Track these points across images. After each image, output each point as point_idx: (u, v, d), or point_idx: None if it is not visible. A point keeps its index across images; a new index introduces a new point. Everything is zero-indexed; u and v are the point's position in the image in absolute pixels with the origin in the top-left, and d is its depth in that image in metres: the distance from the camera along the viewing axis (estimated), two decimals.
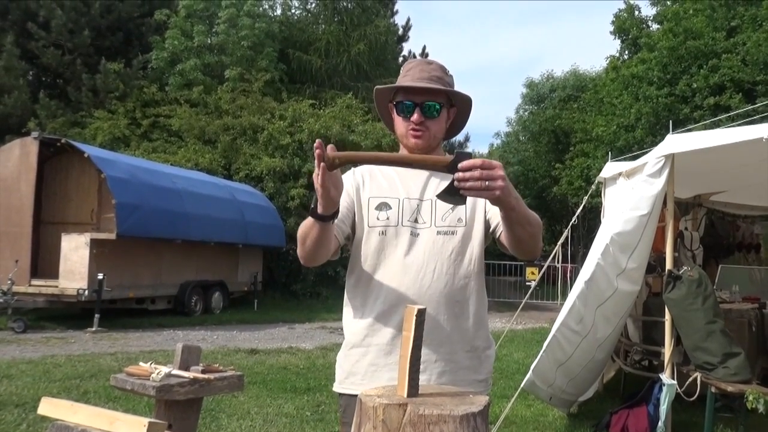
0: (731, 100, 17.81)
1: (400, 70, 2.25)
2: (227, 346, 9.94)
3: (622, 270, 5.31)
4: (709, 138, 5.20)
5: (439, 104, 2.16)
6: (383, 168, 2.26)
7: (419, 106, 2.14)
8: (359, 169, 2.28)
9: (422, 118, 2.14)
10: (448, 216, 2.13)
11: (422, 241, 2.11)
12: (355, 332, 2.18)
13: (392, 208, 2.15)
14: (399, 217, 2.14)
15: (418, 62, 2.23)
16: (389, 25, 25.66)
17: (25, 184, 11.99)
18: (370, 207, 2.16)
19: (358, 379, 2.13)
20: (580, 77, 33.09)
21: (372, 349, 2.12)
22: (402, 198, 2.16)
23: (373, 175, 2.25)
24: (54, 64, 20.26)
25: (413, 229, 2.13)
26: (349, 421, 2.15)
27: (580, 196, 21.91)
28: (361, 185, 2.22)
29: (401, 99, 2.17)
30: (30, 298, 11.63)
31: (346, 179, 2.24)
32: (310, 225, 1.98)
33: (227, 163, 18.78)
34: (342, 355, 2.24)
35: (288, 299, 17.68)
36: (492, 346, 2.25)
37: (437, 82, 2.16)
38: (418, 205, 2.15)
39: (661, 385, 5.23)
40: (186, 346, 3.24)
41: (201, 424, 4.76)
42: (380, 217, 2.15)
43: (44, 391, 6.27)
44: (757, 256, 8.93)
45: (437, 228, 2.12)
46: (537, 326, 14.10)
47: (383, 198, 2.17)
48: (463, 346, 2.12)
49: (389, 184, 2.20)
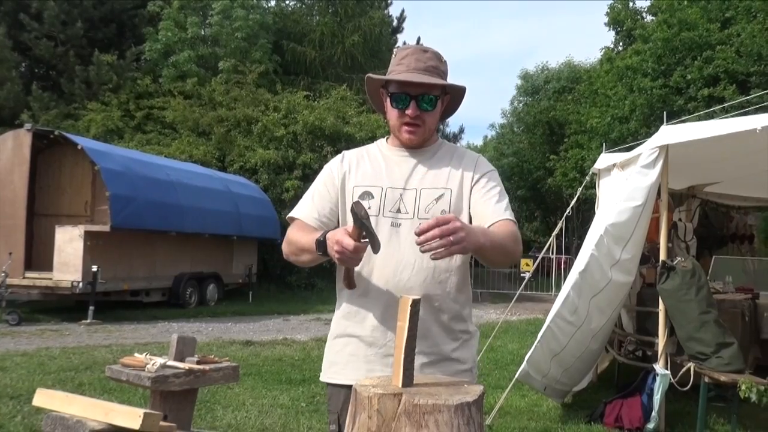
0: (725, 91, 17.82)
1: (393, 58, 2.20)
2: (222, 338, 9.94)
3: (616, 261, 5.33)
4: (703, 129, 5.21)
5: (435, 97, 2.13)
6: (372, 153, 2.25)
7: (415, 99, 2.10)
8: (348, 156, 2.26)
9: (418, 111, 2.11)
10: (431, 207, 2.10)
11: (403, 233, 2.08)
12: (338, 322, 2.19)
13: (374, 198, 2.12)
14: (381, 207, 2.11)
15: (413, 50, 2.17)
16: (384, 17, 25.60)
17: (18, 176, 11.93)
18: (354, 196, 2.14)
19: (339, 368, 2.14)
20: (574, 69, 33.07)
21: (353, 340, 2.13)
22: (385, 187, 2.14)
23: (361, 161, 2.23)
24: (47, 56, 20.17)
25: (394, 220, 2.10)
26: (333, 409, 2.17)
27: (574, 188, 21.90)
28: (347, 174, 2.20)
29: (396, 91, 2.12)
30: (24, 290, 11.59)
31: (334, 168, 2.24)
32: (311, 250, 2.02)
33: (221, 155, 18.74)
34: (327, 345, 2.25)
35: (283, 291, 17.68)
36: (475, 336, 2.24)
37: (433, 72, 2.12)
38: (401, 195, 2.12)
39: (654, 375, 5.26)
40: (181, 337, 3.24)
41: (196, 415, 4.76)
42: None
43: (39, 383, 6.25)
44: (751, 247, 8.97)
45: (420, 220, 2.07)
46: (531, 317, 14.13)
47: (367, 187, 2.15)
48: (446, 338, 2.11)
49: (375, 172, 2.18)
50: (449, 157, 2.21)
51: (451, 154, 2.23)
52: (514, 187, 35.43)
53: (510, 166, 34.36)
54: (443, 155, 2.22)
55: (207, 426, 5.15)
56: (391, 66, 2.19)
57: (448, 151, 2.24)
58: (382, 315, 2.07)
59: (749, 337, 6.27)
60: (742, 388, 3.79)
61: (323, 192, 2.21)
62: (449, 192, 2.13)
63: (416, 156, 2.19)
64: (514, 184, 35.84)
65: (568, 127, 27.34)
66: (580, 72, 30.90)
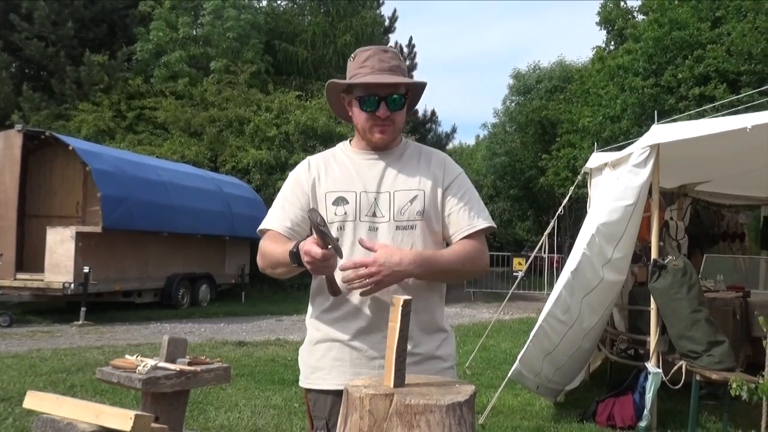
0: (716, 90, 17.90)
1: (351, 62, 2.18)
2: (215, 339, 9.92)
3: (607, 260, 5.34)
4: (694, 128, 5.23)
5: (402, 96, 2.13)
6: (338, 157, 2.24)
7: (384, 100, 2.10)
8: (314, 162, 2.24)
9: (388, 112, 2.11)
10: (406, 209, 2.11)
11: (381, 236, 2.08)
12: (319, 328, 2.17)
13: (349, 203, 2.11)
14: (357, 212, 2.10)
15: (374, 51, 2.15)
16: (375, 17, 25.59)
17: (9, 177, 11.89)
18: (327, 202, 2.13)
19: (324, 374, 2.13)
20: (566, 68, 33.13)
21: (336, 345, 2.12)
22: (359, 192, 2.12)
23: (329, 166, 2.21)
24: (37, 56, 20.08)
25: (371, 224, 2.10)
26: (320, 415, 2.15)
27: (566, 187, 21.94)
28: (317, 180, 2.18)
29: (364, 94, 2.11)
30: (15, 291, 11.56)
31: (301, 175, 2.22)
32: (286, 263, 2.02)
33: (213, 155, 18.71)
34: (305, 351, 2.23)
35: (275, 291, 17.66)
36: (451, 334, 2.25)
37: (397, 71, 2.13)
38: (376, 198, 2.12)
39: (646, 374, 5.28)
40: (172, 338, 3.23)
41: (189, 416, 4.75)
42: (338, 213, 2.11)
43: (30, 385, 6.23)
44: (742, 246, 9.01)
45: (396, 222, 2.09)
46: (524, 316, 14.16)
47: (340, 192, 2.14)
48: (427, 337, 2.12)
49: (345, 177, 2.17)
50: (417, 157, 2.22)
51: (419, 154, 2.24)
52: (507, 187, 35.51)
53: (502, 165, 34.43)
54: (410, 156, 2.22)
55: (199, 427, 5.14)
56: (352, 69, 2.16)
57: (415, 151, 2.25)
58: (365, 318, 2.07)
59: (740, 335, 6.30)
60: (733, 386, 3.80)
61: (292, 200, 2.19)
62: (422, 193, 2.13)
63: (384, 158, 2.19)
64: (506, 183, 35.92)
65: (560, 126, 27.39)
66: (571, 71, 30.97)
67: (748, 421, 4.66)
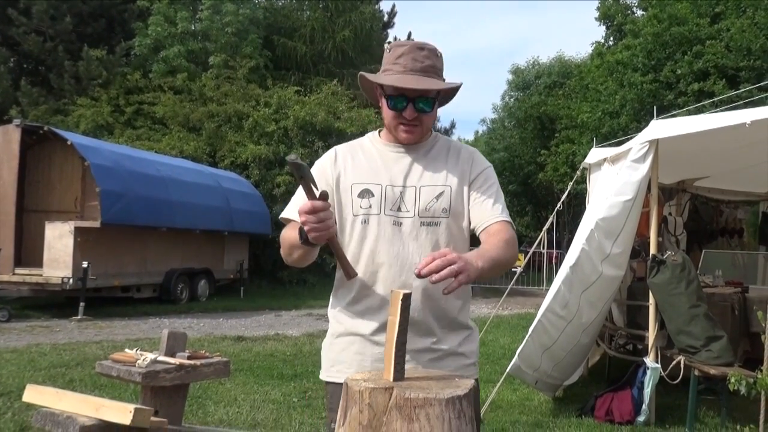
0: (715, 86, 17.91)
1: (387, 53, 2.13)
2: (213, 334, 9.93)
3: (606, 255, 5.34)
4: (692, 124, 5.24)
5: (432, 98, 2.09)
6: (366, 148, 2.21)
7: (412, 101, 2.06)
8: (341, 153, 2.21)
9: (415, 113, 2.07)
10: (432, 206, 2.08)
11: (405, 232, 2.07)
12: (341, 321, 2.16)
13: (374, 196, 2.09)
14: (381, 206, 2.08)
15: (409, 48, 2.09)
16: (374, 12, 25.54)
17: (7, 172, 11.87)
18: (353, 194, 2.11)
19: (344, 367, 2.11)
20: (565, 64, 33.14)
21: (357, 339, 2.11)
22: (385, 185, 2.10)
23: (356, 157, 2.19)
24: (36, 51, 20.02)
25: (395, 218, 2.08)
26: (336, 407, 2.15)
27: (565, 182, 21.95)
28: (342, 172, 2.16)
29: (393, 93, 2.07)
30: (14, 286, 11.54)
31: (326, 166, 2.19)
32: (298, 245, 1.98)
33: (212, 150, 18.68)
34: (327, 344, 2.23)
35: (274, 286, 17.66)
36: (475, 331, 2.25)
37: (431, 71, 2.07)
38: (401, 193, 2.09)
39: (645, 369, 5.29)
40: (172, 332, 3.23)
41: (188, 410, 4.76)
42: (363, 205, 2.09)
43: (29, 379, 6.22)
44: (740, 241, 9.01)
45: (421, 218, 2.07)
46: (523, 312, 14.18)
47: (366, 184, 2.11)
48: (451, 334, 2.12)
49: (372, 169, 2.14)
50: (445, 153, 2.19)
51: (447, 149, 2.20)
52: (506, 182, 35.42)
53: (501, 161, 34.39)
54: (439, 151, 2.19)
55: (198, 421, 5.14)
56: (385, 63, 2.13)
57: (444, 146, 2.21)
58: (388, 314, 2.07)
59: (738, 330, 6.30)
60: (732, 380, 3.81)
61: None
62: (449, 189, 2.11)
63: (412, 152, 2.15)
64: (505, 179, 35.84)
65: (558, 122, 27.40)
66: (570, 67, 31.00)
67: (747, 416, 4.66)
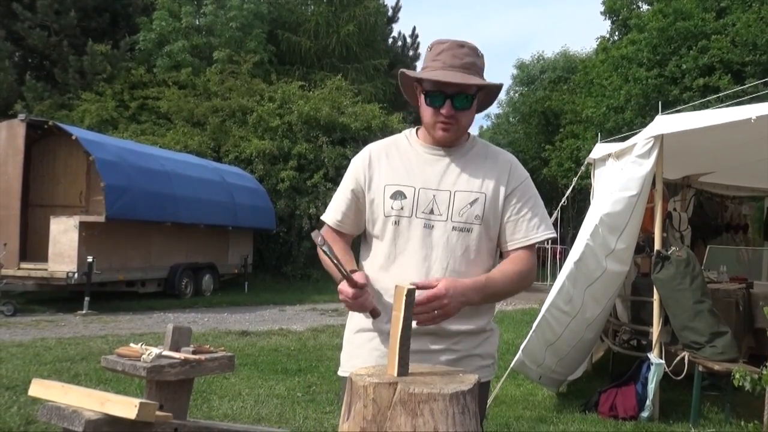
0: (720, 81, 17.86)
1: (428, 52, 2.12)
2: (218, 329, 9.94)
3: (611, 250, 5.34)
4: (698, 119, 5.22)
5: (471, 96, 2.07)
6: (401, 147, 2.19)
7: (450, 98, 2.04)
8: (375, 153, 2.19)
9: (453, 110, 2.05)
10: (465, 211, 2.07)
11: (436, 236, 2.06)
12: (360, 316, 2.15)
13: (407, 198, 2.08)
14: (413, 208, 2.07)
15: (449, 45, 2.08)
16: (379, 6, 25.48)
17: (12, 166, 11.90)
18: (385, 195, 2.10)
19: (360, 362, 2.10)
20: (570, 59, 33.06)
21: (377, 335, 2.11)
22: (418, 187, 2.08)
23: (391, 157, 2.17)
24: (40, 46, 20.03)
25: (427, 222, 2.06)
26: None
27: (569, 178, 21.96)
28: (376, 173, 2.15)
29: (431, 89, 2.05)
30: (19, 281, 11.58)
31: (359, 167, 2.19)
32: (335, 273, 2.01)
33: (216, 145, 18.68)
34: (346, 338, 2.24)
35: (278, 281, 17.67)
36: (496, 332, 2.27)
37: (470, 69, 2.06)
38: (435, 196, 2.07)
39: (649, 365, 5.28)
40: (176, 327, 3.24)
41: (192, 405, 4.77)
42: (394, 207, 2.08)
43: (35, 373, 6.24)
44: (745, 237, 8.99)
45: (453, 223, 2.06)
46: (527, 307, 14.17)
47: (399, 186, 2.09)
48: (469, 336, 2.12)
49: (405, 170, 2.12)
50: (483, 158, 2.16)
51: (485, 154, 2.18)
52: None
53: None
54: (476, 155, 2.16)
55: (203, 416, 5.16)
56: (426, 61, 2.12)
57: (481, 151, 2.19)
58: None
59: (743, 326, 6.29)
60: (736, 376, 3.80)
61: (345, 191, 2.20)
62: (483, 196, 2.09)
63: (449, 155, 2.13)
64: None
65: (563, 117, 27.35)
66: (575, 62, 30.91)
67: (750, 412, 4.66)
